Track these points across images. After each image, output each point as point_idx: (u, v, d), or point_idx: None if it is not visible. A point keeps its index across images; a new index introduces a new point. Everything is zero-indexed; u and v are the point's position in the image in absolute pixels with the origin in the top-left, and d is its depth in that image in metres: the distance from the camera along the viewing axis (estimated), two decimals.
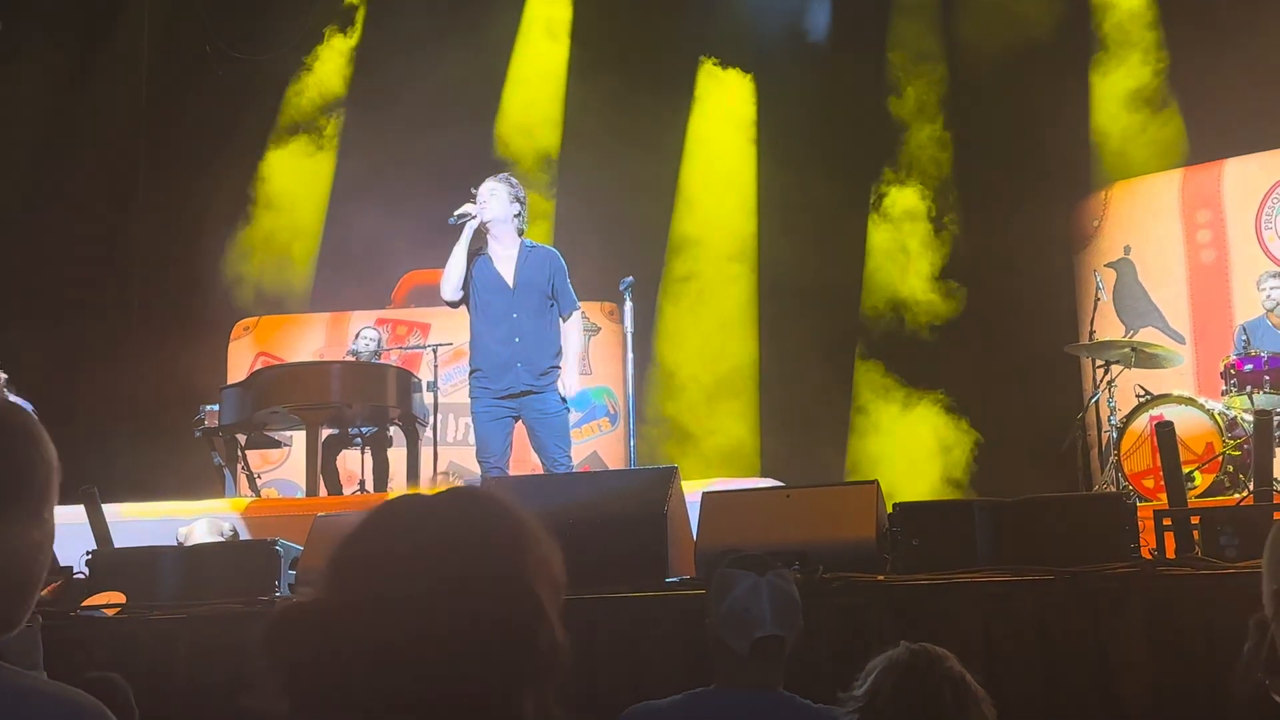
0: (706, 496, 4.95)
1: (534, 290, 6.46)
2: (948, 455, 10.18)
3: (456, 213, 6.47)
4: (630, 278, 7.03)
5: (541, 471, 6.62)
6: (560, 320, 6.56)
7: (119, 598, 4.90)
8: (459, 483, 1.44)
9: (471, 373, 6.55)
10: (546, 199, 11.45)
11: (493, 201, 6.47)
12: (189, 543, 6.06)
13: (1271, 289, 8.12)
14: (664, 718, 2.97)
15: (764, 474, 9.73)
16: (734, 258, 11.36)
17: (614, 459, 10.75)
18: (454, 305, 6.60)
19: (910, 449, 10.28)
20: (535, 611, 1.33)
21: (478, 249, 6.53)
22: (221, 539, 6.17)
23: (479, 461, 6.50)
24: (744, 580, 2.97)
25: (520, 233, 6.58)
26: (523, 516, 1.38)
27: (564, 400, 6.48)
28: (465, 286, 6.50)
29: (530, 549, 1.36)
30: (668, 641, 4.21)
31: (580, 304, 6.73)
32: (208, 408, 9.22)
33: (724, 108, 11.66)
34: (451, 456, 10.87)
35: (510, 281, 6.46)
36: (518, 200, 6.54)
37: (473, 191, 6.56)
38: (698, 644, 3.16)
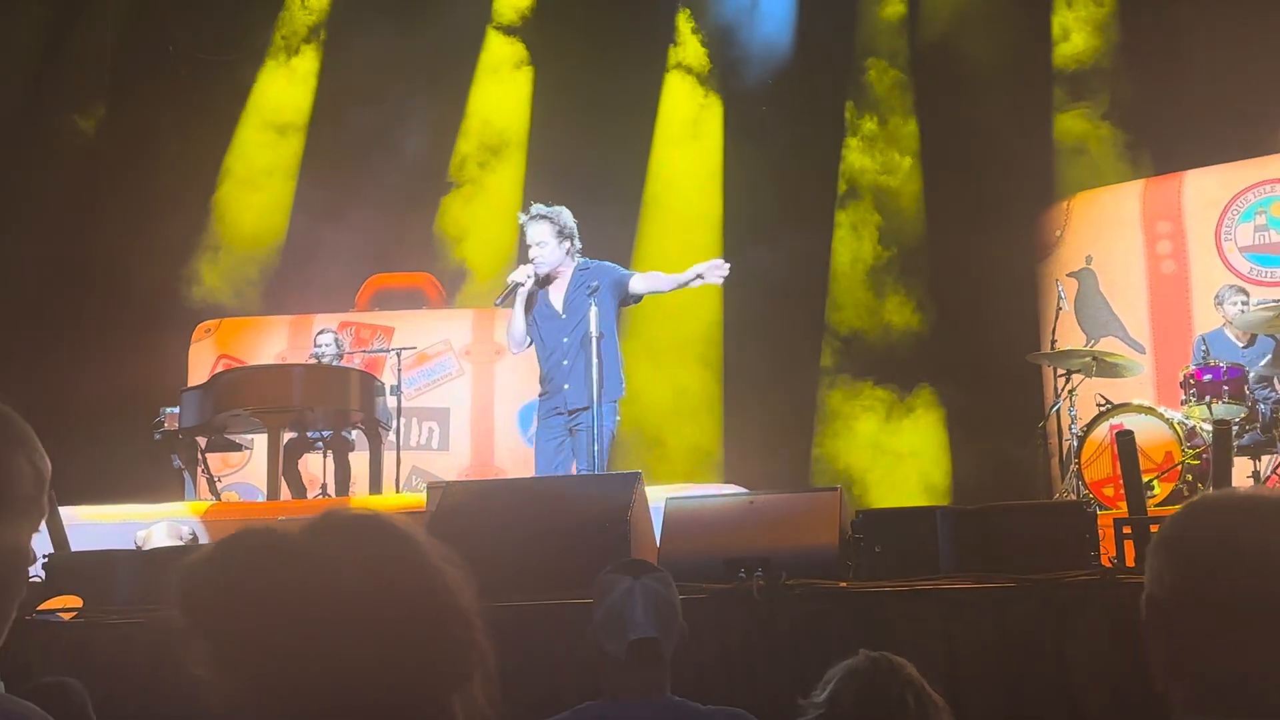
0: (670, 503, 4.94)
1: (584, 313, 6.52)
2: (911, 462, 10.22)
3: (510, 285, 6.53)
4: (596, 282, 7.02)
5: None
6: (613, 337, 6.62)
7: (75, 601, 4.84)
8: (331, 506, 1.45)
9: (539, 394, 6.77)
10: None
11: (544, 253, 6.56)
12: (147, 546, 6.01)
13: (1242, 303, 8.19)
14: None
15: (727, 480, 9.74)
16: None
17: None
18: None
19: (874, 456, 10.32)
20: (456, 619, 1.34)
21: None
22: (181, 543, 6.12)
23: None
24: (619, 584, 2.96)
25: (574, 257, 6.67)
26: (414, 533, 1.38)
27: (614, 417, 6.60)
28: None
29: (433, 561, 1.36)
30: None
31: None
32: (168, 410, 9.13)
33: (689, 124, 11.69)
34: (414, 461, 10.81)
35: (560, 309, 6.63)
36: (567, 237, 6.60)
37: (525, 235, 6.60)
38: None
